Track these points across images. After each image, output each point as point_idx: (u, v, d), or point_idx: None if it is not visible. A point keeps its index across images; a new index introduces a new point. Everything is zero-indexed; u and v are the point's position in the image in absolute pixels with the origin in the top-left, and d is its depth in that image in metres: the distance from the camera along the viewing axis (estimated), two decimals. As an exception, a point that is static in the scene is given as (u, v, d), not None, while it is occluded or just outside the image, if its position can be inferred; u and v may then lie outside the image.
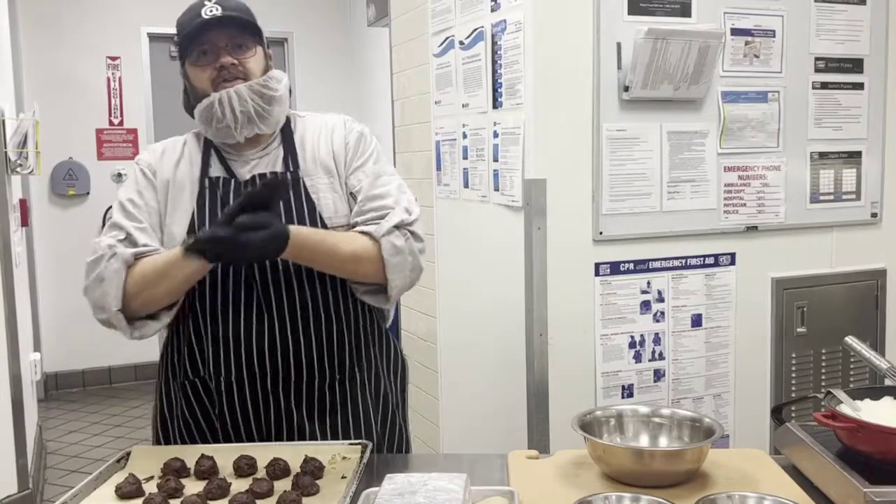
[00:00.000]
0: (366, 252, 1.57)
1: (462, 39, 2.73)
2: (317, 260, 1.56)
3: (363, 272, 1.60)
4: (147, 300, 1.56)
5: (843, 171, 2.72)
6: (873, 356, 1.48)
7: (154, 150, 1.72)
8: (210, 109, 1.60)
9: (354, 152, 1.68)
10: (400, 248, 1.58)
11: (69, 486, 3.24)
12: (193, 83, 1.65)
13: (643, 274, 2.47)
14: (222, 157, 1.67)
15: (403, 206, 1.62)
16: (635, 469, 1.34)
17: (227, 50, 1.61)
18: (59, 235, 5.47)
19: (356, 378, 1.67)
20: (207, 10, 1.59)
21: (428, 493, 1.17)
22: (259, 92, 1.61)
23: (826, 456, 1.32)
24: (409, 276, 1.62)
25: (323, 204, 1.63)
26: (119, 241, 1.58)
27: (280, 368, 1.61)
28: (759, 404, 2.64)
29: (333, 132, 1.71)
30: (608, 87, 2.38)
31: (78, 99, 5.47)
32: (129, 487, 1.34)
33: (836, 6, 2.63)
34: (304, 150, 1.69)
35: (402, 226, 1.60)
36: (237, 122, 1.60)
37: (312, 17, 6.05)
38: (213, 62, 1.61)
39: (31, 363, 4.06)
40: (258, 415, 1.62)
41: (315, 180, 1.65)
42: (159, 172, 1.67)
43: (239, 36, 1.62)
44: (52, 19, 5.40)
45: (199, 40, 1.60)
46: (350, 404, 1.67)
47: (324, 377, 1.64)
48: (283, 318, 1.60)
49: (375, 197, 1.63)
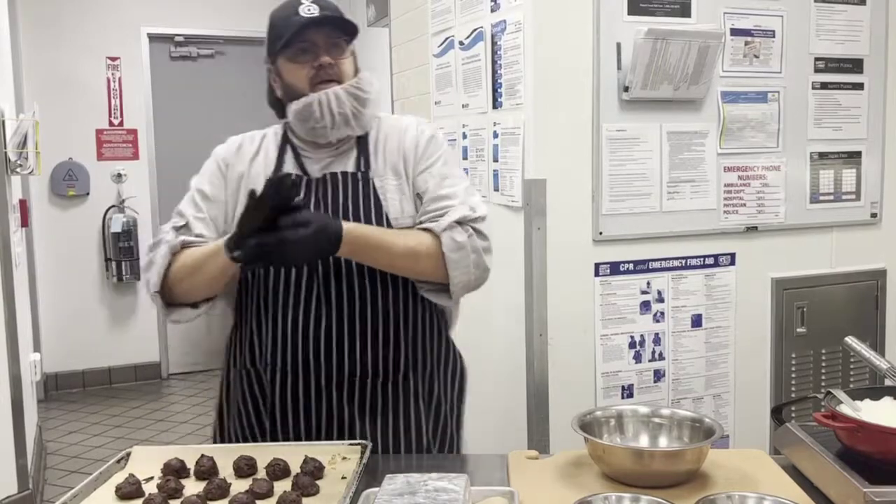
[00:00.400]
0: (424, 248, 1.57)
1: (462, 40, 2.73)
2: (374, 257, 1.56)
3: (421, 268, 1.59)
4: (187, 289, 1.59)
5: (842, 172, 2.72)
6: (873, 356, 1.48)
7: (232, 144, 1.75)
8: (308, 109, 1.62)
9: (423, 154, 1.68)
10: (461, 243, 1.56)
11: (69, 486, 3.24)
12: (288, 79, 1.66)
13: (643, 274, 2.47)
14: (297, 154, 1.69)
15: (468, 205, 1.62)
16: (635, 469, 1.34)
17: (324, 49, 1.62)
18: (59, 236, 5.47)
19: (410, 380, 1.65)
20: (305, 8, 1.61)
21: (428, 493, 1.17)
22: (354, 94, 1.63)
23: (826, 456, 1.32)
24: (473, 272, 1.60)
25: (390, 204, 1.63)
26: (177, 228, 1.63)
27: (334, 363, 1.60)
28: (758, 404, 2.64)
29: (406, 134, 1.71)
30: (608, 88, 2.38)
31: (78, 99, 5.47)
32: (129, 488, 1.34)
33: (835, 6, 2.63)
34: (377, 152, 1.69)
35: (465, 222, 1.59)
36: (334, 124, 1.62)
37: (312, 17, 6.05)
38: (312, 61, 1.62)
39: (30, 364, 4.06)
40: (308, 409, 1.62)
41: (384, 181, 1.66)
42: (233, 166, 1.69)
43: (336, 36, 1.64)
44: (52, 20, 5.40)
45: (299, 38, 1.61)
46: (402, 407, 1.65)
47: (377, 376, 1.62)
48: (341, 311, 1.59)
49: (441, 197, 1.63)
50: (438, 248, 1.56)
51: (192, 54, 5.87)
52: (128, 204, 5.59)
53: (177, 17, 5.75)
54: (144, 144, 5.67)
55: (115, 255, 5.51)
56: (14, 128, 3.69)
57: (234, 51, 5.99)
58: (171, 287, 1.59)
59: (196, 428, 4.76)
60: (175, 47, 5.82)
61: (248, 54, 6.03)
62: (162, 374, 5.81)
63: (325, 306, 1.59)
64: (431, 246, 1.57)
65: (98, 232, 5.56)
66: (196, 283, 1.58)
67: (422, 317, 1.67)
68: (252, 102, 5.96)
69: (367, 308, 1.61)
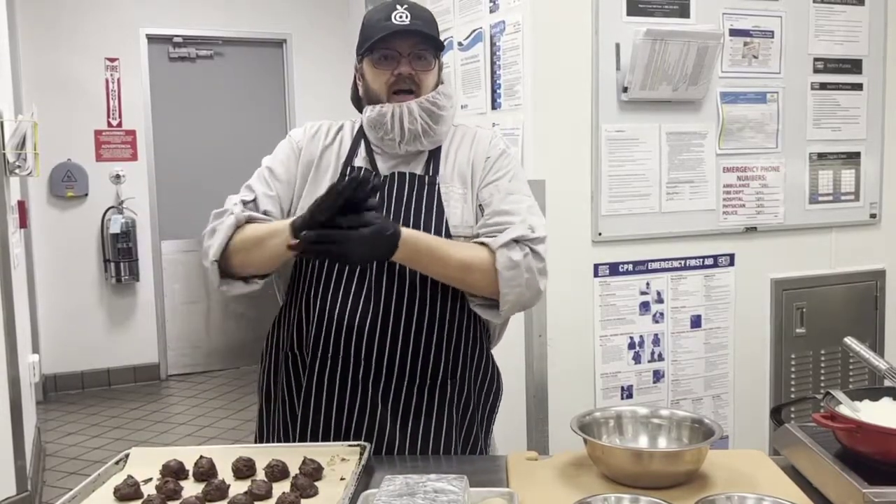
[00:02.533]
0: (478, 262, 1.57)
1: (461, 40, 2.73)
2: (427, 266, 1.56)
3: (472, 281, 1.59)
4: (243, 262, 1.60)
5: (841, 172, 2.72)
6: (872, 357, 1.48)
7: (309, 129, 1.76)
8: (380, 119, 1.63)
9: (493, 167, 1.69)
10: (516, 262, 1.56)
11: (68, 487, 3.23)
12: (369, 82, 1.68)
13: (642, 275, 2.47)
14: (370, 149, 1.70)
15: (528, 224, 1.61)
16: (634, 470, 1.33)
17: (407, 59, 1.63)
18: (58, 237, 5.46)
19: (447, 389, 1.65)
20: (397, 15, 1.61)
21: (427, 494, 1.17)
22: (428, 110, 1.63)
23: (825, 457, 1.31)
24: (525, 293, 1.59)
25: (452, 212, 1.64)
26: (245, 202, 1.65)
27: (374, 360, 1.60)
28: (758, 405, 2.64)
29: (478, 145, 1.71)
30: (607, 88, 2.38)
31: (76, 100, 5.46)
32: (128, 489, 1.33)
33: (834, 7, 2.64)
34: (447, 159, 1.70)
35: (523, 240, 1.58)
36: (403, 138, 1.63)
37: (311, 18, 6.04)
38: (393, 68, 1.63)
39: (29, 365, 4.05)
40: (342, 403, 1.62)
41: (450, 188, 1.66)
42: (306, 150, 1.71)
43: (422, 46, 1.64)
44: (51, 21, 5.40)
45: (384, 44, 1.62)
46: (435, 414, 1.65)
47: (413, 379, 1.62)
48: (388, 308, 1.60)
49: (502, 212, 1.63)
50: (493, 263, 1.56)
51: (190, 55, 5.86)
52: (126, 205, 5.58)
53: (175, 18, 5.75)
54: (143, 145, 5.66)
55: (114, 256, 5.50)
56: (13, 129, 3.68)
57: (233, 52, 5.99)
58: (228, 257, 1.60)
59: (195, 429, 4.76)
60: (174, 48, 5.81)
61: (246, 55, 6.03)
62: (161, 376, 5.80)
63: (373, 303, 1.60)
64: (486, 261, 1.57)
65: (97, 233, 5.56)
66: (252, 258, 1.59)
67: (466, 328, 1.67)
68: (250, 103, 6.01)
69: (415, 312, 1.61)
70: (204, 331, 6.01)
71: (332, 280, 1.62)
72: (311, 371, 1.64)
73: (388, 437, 1.61)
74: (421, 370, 1.63)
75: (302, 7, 6.04)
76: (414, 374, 1.62)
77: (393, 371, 1.62)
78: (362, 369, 1.61)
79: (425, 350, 1.62)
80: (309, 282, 1.65)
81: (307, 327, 1.65)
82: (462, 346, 1.67)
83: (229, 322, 6.05)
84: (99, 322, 5.63)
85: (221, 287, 1.64)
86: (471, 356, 1.69)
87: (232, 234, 1.60)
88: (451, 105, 1.69)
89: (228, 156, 5.75)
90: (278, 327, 1.74)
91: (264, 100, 6.07)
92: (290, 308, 1.71)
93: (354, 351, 1.61)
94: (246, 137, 5.80)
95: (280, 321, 1.74)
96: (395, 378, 1.62)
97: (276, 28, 5.98)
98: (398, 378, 1.62)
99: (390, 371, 1.61)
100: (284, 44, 6.06)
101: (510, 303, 1.59)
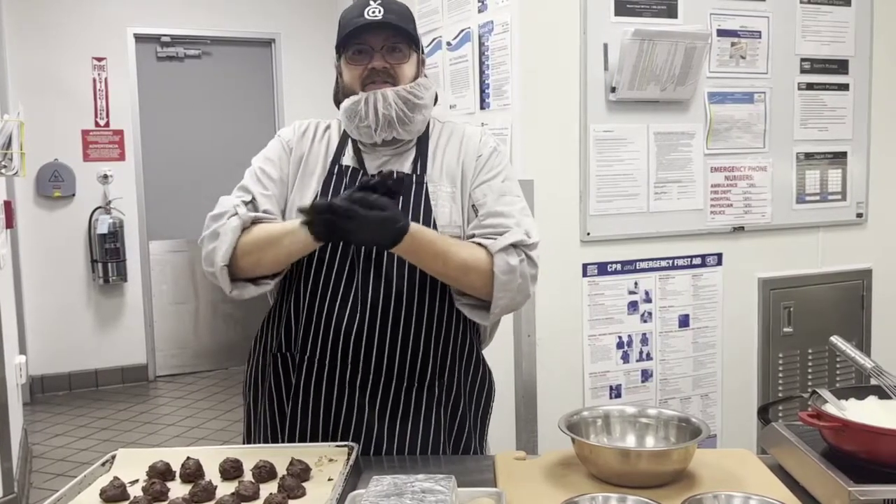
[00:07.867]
0: (477, 263, 1.57)
1: (449, 40, 2.73)
2: (428, 261, 1.56)
3: (468, 282, 1.59)
4: (253, 263, 1.59)
5: (828, 172, 2.73)
6: (858, 356, 1.49)
7: (297, 127, 1.76)
8: (355, 108, 1.62)
9: (484, 166, 1.68)
10: (513, 266, 1.56)
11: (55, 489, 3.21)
12: (345, 78, 1.68)
13: (630, 274, 2.48)
14: (357, 148, 1.70)
15: (524, 228, 1.62)
16: (622, 469, 1.34)
17: (381, 53, 1.63)
18: (45, 237, 5.43)
19: (434, 390, 1.65)
20: (370, 10, 1.61)
21: (415, 494, 1.17)
22: (405, 98, 1.63)
23: (811, 455, 1.32)
24: (517, 297, 1.60)
25: (439, 211, 1.64)
26: (243, 203, 1.63)
27: (361, 361, 1.60)
28: (745, 404, 2.65)
29: (468, 142, 1.71)
30: (595, 88, 2.38)
31: (63, 100, 5.43)
32: (114, 491, 1.33)
33: (821, 7, 2.65)
34: (435, 156, 1.70)
35: (520, 246, 1.59)
36: (378, 124, 1.62)
37: (300, 17, 6.03)
38: (366, 63, 1.63)
39: (16, 366, 4.03)
40: (329, 403, 1.62)
41: (437, 187, 1.66)
42: (296, 149, 1.71)
43: (394, 39, 1.63)
44: (37, 20, 5.36)
45: (356, 39, 1.62)
46: (423, 415, 1.64)
47: (401, 380, 1.62)
48: (375, 309, 1.59)
49: (497, 213, 1.63)
50: (490, 266, 1.56)
51: (178, 55, 5.84)
52: (114, 205, 5.55)
53: (163, 18, 5.72)
54: (131, 145, 5.63)
55: (102, 257, 5.47)
56: (-2, 128, 3.66)
57: (221, 51, 5.97)
58: (237, 260, 1.59)
59: (183, 430, 4.74)
60: (161, 48, 5.79)
61: (234, 55, 6.01)
62: (149, 377, 5.77)
63: (360, 304, 1.60)
64: (484, 263, 1.57)
65: (84, 233, 5.53)
66: (266, 258, 1.58)
67: (455, 329, 1.67)
68: (238, 103, 5.99)
69: (402, 313, 1.61)
70: (192, 332, 5.98)
71: (321, 281, 1.62)
72: (299, 372, 1.64)
73: (376, 437, 1.61)
74: (409, 371, 1.62)
75: (290, 6, 6.02)
76: (402, 375, 1.62)
77: (381, 372, 1.61)
78: (349, 370, 1.61)
79: (413, 351, 1.62)
80: (299, 283, 1.65)
81: (296, 328, 1.65)
82: (451, 347, 1.67)
83: (217, 323, 6.03)
84: (86, 323, 5.60)
85: (233, 292, 1.61)
86: (460, 357, 1.69)
87: (239, 236, 1.58)
88: (429, 96, 1.68)
89: (217, 156, 5.73)
90: (267, 328, 1.74)
91: (253, 99, 6.05)
92: (279, 309, 1.70)
93: (342, 352, 1.61)
94: (234, 137, 5.78)
95: (269, 322, 1.74)
96: (383, 379, 1.62)
97: (265, 27, 5.97)
98: (386, 379, 1.62)
99: (378, 372, 1.61)
100: (273, 43, 6.05)
101: (501, 306, 1.59)
